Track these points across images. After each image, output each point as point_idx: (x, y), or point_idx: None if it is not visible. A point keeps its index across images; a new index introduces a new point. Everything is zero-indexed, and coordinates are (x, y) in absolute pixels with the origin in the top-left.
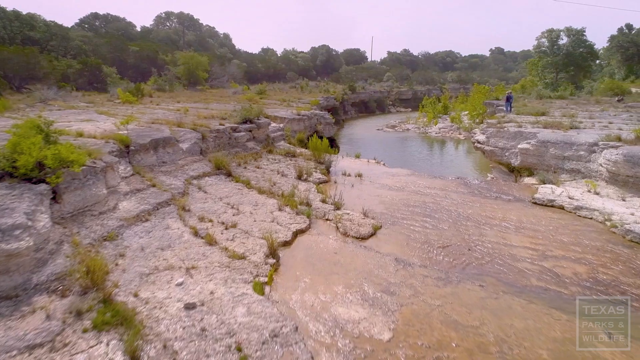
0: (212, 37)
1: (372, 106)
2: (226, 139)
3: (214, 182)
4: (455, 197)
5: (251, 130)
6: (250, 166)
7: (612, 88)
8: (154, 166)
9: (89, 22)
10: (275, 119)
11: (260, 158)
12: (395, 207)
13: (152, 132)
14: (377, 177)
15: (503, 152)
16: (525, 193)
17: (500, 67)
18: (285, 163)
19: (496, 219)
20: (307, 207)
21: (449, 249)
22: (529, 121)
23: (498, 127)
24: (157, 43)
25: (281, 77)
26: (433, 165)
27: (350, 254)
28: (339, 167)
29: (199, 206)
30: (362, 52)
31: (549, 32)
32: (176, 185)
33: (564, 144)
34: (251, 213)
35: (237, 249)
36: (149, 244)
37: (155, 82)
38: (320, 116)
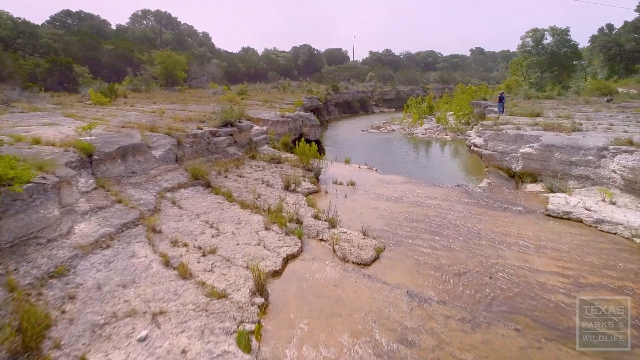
0: (191, 36)
1: (355, 106)
2: (205, 145)
3: (191, 194)
4: (460, 209)
5: (232, 134)
6: (232, 175)
7: (600, 88)
8: (122, 177)
9: (60, 19)
10: (258, 121)
11: (242, 165)
12: (397, 222)
13: (121, 138)
14: (372, 185)
15: (503, 157)
16: (535, 203)
17: (480, 67)
18: (271, 170)
19: (511, 235)
20: (298, 225)
21: (467, 277)
22: (526, 123)
23: (495, 130)
24: (133, 42)
25: (262, 77)
26: (426, 170)
27: (353, 286)
28: (329, 174)
29: (173, 226)
30: (344, 51)
31: (533, 31)
32: (146, 200)
33: (571, 148)
34: (233, 234)
35: (216, 283)
36: (107, 280)
37: (130, 82)
38: (306, 118)
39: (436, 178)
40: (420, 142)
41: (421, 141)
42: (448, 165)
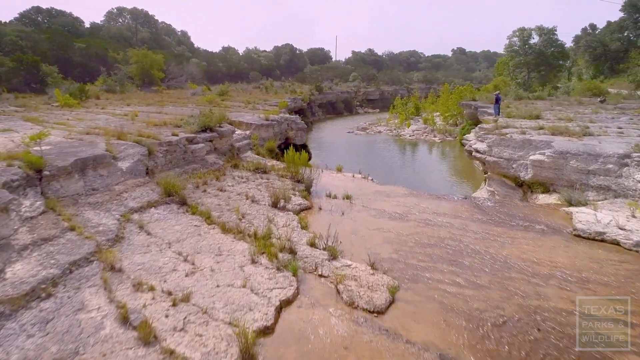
0: (169, 34)
1: (339, 107)
2: (180, 154)
3: (163, 215)
4: (475, 229)
5: (212, 140)
6: (212, 189)
7: (590, 88)
8: (80, 196)
9: (30, 16)
10: (240, 125)
11: (223, 176)
12: (407, 248)
13: (82, 148)
14: (370, 199)
15: (509, 164)
16: (558, 220)
17: (463, 66)
18: (256, 182)
19: (544, 264)
20: (291, 256)
21: (509, 330)
22: (529, 127)
23: (499, 134)
24: (108, 40)
25: (244, 77)
26: (421, 176)
27: (369, 349)
28: (321, 185)
29: (137, 261)
30: (327, 51)
31: (520, 31)
32: (107, 225)
33: (588, 156)
34: (212, 270)
35: (189, 351)
36: (40, 352)
37: (104, 83)
38: (291, 121)
39: (434, 185)
40: (409, 144)
41: (410, 143)
42: (442, 169)
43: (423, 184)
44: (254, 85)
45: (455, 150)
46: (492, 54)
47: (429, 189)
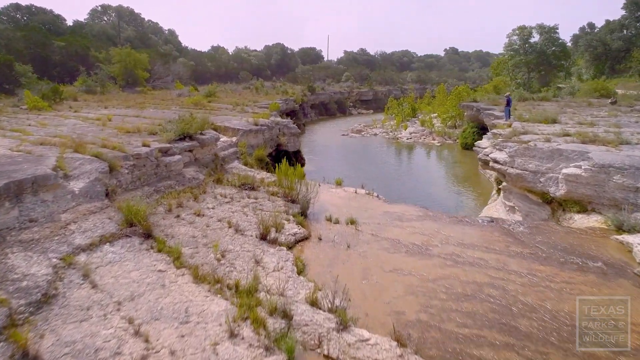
0: (156, 33)
1: (332, 108)
2: (152, 168)
3: (118, 255)
4: (517, 268)
5: (192, 149)
6: (187, 213)
7: (597, 89)
8: (10, 231)
9: (8, 13)
10: (226, 131)
11: (204, 194)
12: (438, 302)
13: (24, 165)
14: (379, 223)
15: (536, 178)
16: (612, 252)
17: (455, 66)
18: (242, 203)
19: (623, 327)
20: (286, 323)
21: None
22: (551, 133)
23: (519, 142)
24: (90, 39)
25: (233, 77)
26: (427, 185)
27: None
28: (319, 205)
29: (67, 338)
30: (318, 51)
31: (520, 29)
32: (35, 277)
33: (636, 170)
34: (173, 354)
35: None
36: None
37: (83, 83)
38: (283, 125)
39: (441, 196)
40: (407, 148)
41: (408, 147)
42: (446, 177)
43: (430, 197)
44: (244, 85)
45: (456, 154)
46: (485, 54)
47: (438, 203)
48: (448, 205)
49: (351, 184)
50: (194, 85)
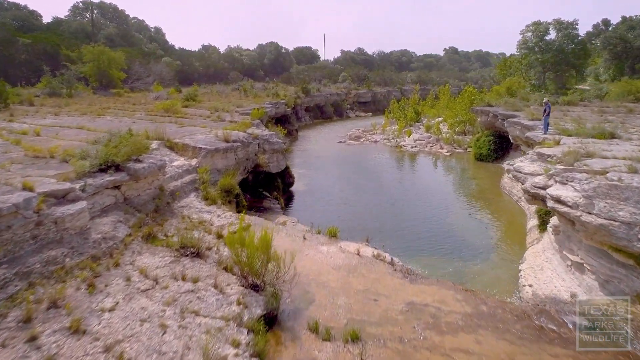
0: (141, 30)
1: (328, 111)
2: (27, 230)
3: None
4: None
5: (119, 185)
6: (58, 323)
7: (632, 91)
8: None
9: None
10: (186, 150)
11: (115, 268)
12: None
13: None
14: (403, 340)
15: (631, 233)
16: None
17: (455, 66)
18: (167, 295)
19: None
20: None
21: None
22: (631, 157)
23: (590, 171)
24: (67, 36)
25: (224, 77)
26: (445, 214)
27: None
28: (301, 288)
29: None
30: (314, 50)
31: (535, 25)
32: None
33: None
34: None
35: None
36: None
37: (47, 85)
38: (264, 140)
39: (467, 233)
40: (413, 158)
41: (413, 157)
42: (466, 198)
43: (452, 234)
44: (233, 86)
45: (470, 166)
46: (485, 54)
47: (464, 243)
48: (477, 246)
49: (350, 225)
50: (176, 87)
